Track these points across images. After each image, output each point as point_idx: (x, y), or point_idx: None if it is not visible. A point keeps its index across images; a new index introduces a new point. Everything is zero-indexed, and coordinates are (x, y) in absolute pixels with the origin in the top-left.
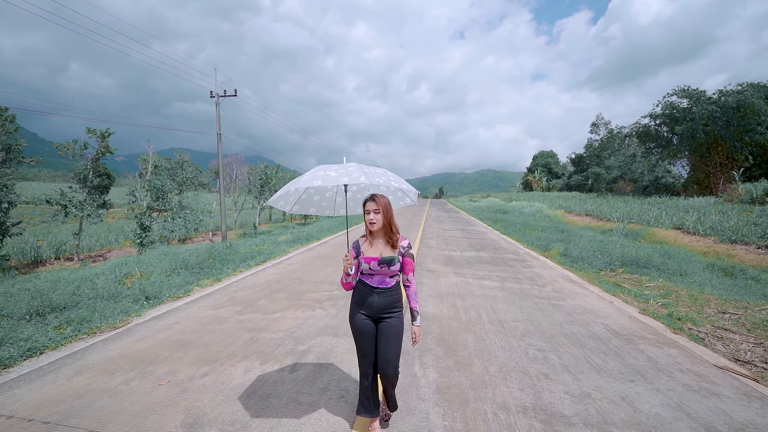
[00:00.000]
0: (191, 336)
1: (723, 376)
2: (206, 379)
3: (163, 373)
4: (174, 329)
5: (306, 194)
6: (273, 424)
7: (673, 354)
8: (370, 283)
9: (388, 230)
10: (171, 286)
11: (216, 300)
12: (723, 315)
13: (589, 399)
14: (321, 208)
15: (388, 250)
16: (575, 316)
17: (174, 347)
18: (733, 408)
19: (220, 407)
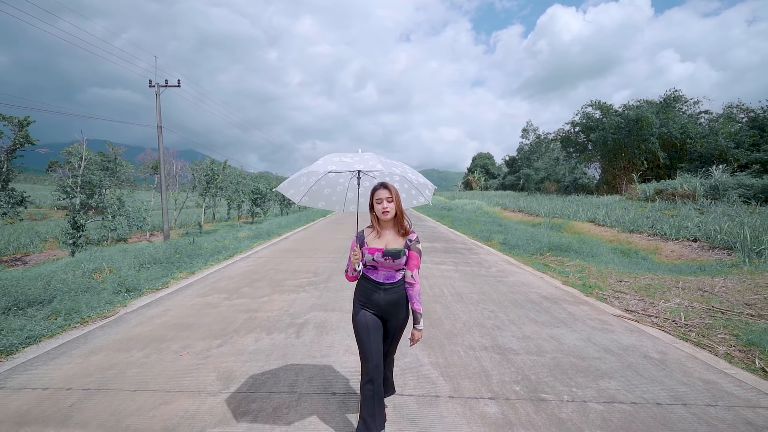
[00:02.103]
0: (189, 319)
1: (616, 320)
2: (223, 348)
3: (179, 347)
4: (169, 315)
5: (317, 186)
6: (297, 371)
7: (585, 309)
8: (375, 278)
9: (400, 220)
10: (147, 279)
11: (199, 289)
12: (620, 283)
13: (529, 339)
14: (331, 202)
15: (396, 241)
16: (516, 288)
17: (177, 328)
18: (621, 338)
19: (246, 365)
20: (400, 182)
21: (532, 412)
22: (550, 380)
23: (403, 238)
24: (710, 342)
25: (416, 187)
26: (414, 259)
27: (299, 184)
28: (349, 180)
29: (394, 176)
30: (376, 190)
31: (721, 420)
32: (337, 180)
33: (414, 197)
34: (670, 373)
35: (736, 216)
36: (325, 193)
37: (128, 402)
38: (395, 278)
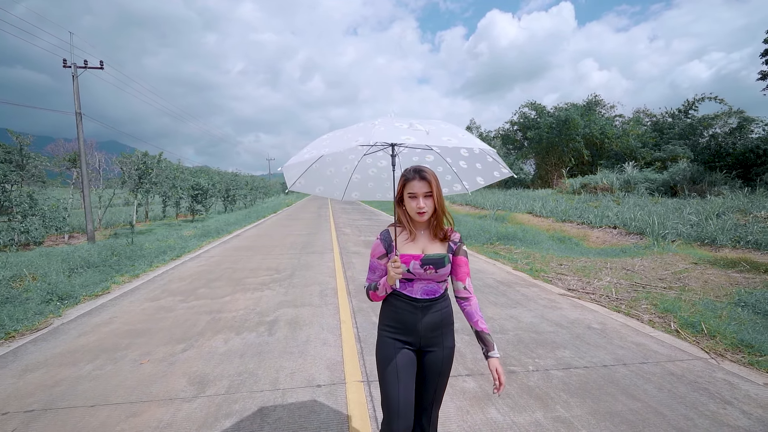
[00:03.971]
0: (143, 325)
1: (562, 298)
2: (190, 352)
3: (138, 355)
4: (117, 322)
5: (320, 163)
6: (277, 367)
7: (535, 291)
8: (410, 294)
9: (440, 219)
10: (82, 285)
11: (148, 293)
12: (560, 266)
13: (492, 320)
14: (331, 186)
15: (436, 245)
16: (474, 275)
17: (130, 335)
18: (568, 313)
19: (219, 367)
20: (465, 161)
21: (505, 383)
22: (516, 354)
23: (443, 241)
24: (636, 312)
25: (490, 156)
26: (463, 265)
27: (301, 162)
28: (361, 158)
29: (451, 150)
30: (409, 180)
31: (652, 374)
32: (346, 157)
33: (491, 167)
34: (610, 340)
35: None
36: (327, 174)
37: (87, 419)
38: (437, 292)
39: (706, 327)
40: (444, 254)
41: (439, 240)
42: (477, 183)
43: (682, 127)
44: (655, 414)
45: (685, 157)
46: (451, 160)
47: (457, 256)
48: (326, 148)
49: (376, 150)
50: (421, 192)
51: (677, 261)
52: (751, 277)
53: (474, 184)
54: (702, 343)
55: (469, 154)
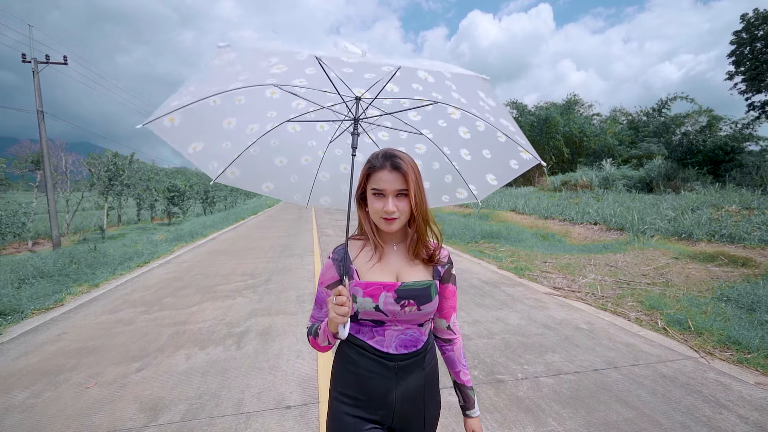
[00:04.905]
0: (95, 341)
1: (548, 298)
2: (145, 372)
3: (84, 378)
4: (66, 339)
5: (261, 147)
6: (243, 387)
7: (521, 290)
8: (379, 347)
9: (421, 232)
10: (31, 297)
11: (106, 305)
12: (545, 264)
13: (479, 323)
14: (286, 184)
15: (416, 269)
16: (458, 275)
17: (79, 354)
18: (555, 313)
19: (177, 389)
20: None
21: (493, 395)
22: (504, 361)
23: (427, 263)
24: (623, 310)
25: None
26: (451, 297)
27: (216, 132)
28: (327, 147)
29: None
30: (375, 169)
31: (644, 377)
32: (301, 144)
33: (510, 153)
34: (599, 340)
35: (624, 202)
36: (277, 165)
37: None
38: (419, 341)
39: (692, 324)
40: (429, 282)
41: (422, 261)
42: (488, 184)
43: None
44: (651, 423)
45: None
46: (450, 151)
47: (445, 285)
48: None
49: (342, 131)
50: (391, 189)
51: (658, 256)
52: (730, 270)
53: (484, 186)
54: (690, 341)
55: (471, 135)
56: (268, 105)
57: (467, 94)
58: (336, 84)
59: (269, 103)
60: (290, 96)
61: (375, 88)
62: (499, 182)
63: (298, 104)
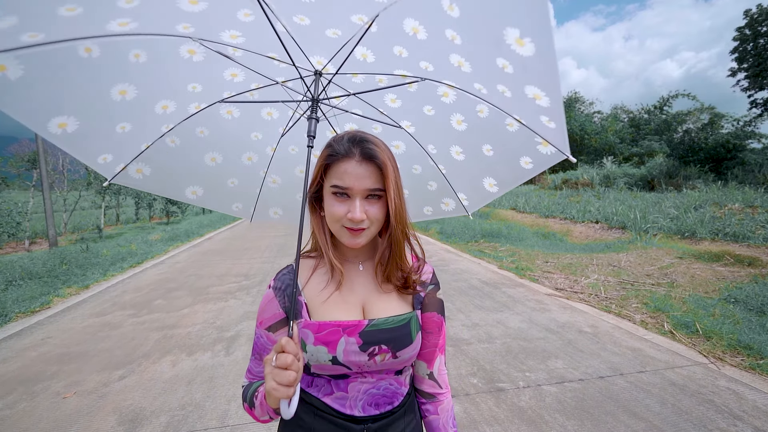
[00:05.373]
0: (80, 346)
1: (550, 299)
2: (127, 380)
3: (63, 387)
4: (49, 344)
5: (179, 138)
6: (229, 397)
7: (522, 291)
8: (341, 409)
9: (398, 246)
10: (17, 300)
11: (95, 307)
12: (546, 263)
13: (478, 326)
14: (221, 190)
15: (390, 298)
16: (458, 275)
17: (61, 361)
18: (557, 316)
19: (160, 398)
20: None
21: (493, 406)
22: (504, 367)
23: (402, 289)
24: (628, 312)
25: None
26: (436, 330)
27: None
28: (278, 142)
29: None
30: (337, 157)
31: (652, 385)
32: (252, 122)
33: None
34: (604, 345)
35: (625, 200)
36: (208, 164)
37: None
38: (397, 395)
39: (700, 327)
40: (409, 314)
41: (396, 285)
42: (484, 191)
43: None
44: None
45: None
46: (437, 150)
47: (428, 314)
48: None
49: (297, 120)
50: (360, 187)
51: (662, 255)
52: (736, 270)
53: (479, 194)
54: (699, 345)
55: (469, 125)
56: (188, 72)
57: (480, 48)
58: (287, 45)
59: (188, 70)
60: (219, 60)
61: (341, 54)
62: (501, 188)
63: (233, 75)
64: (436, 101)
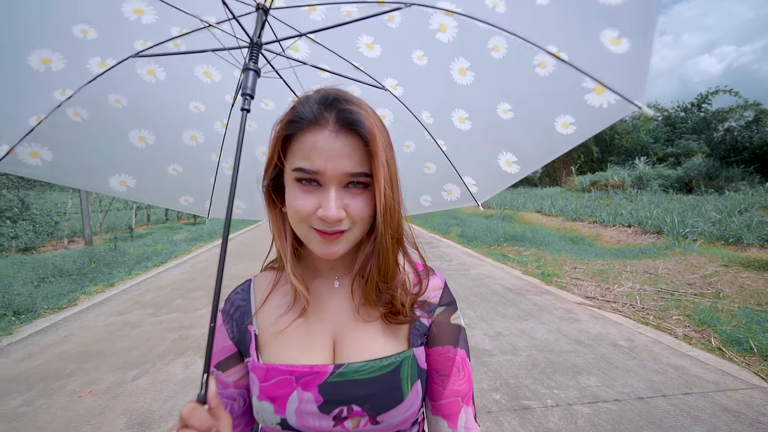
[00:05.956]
0: (99, 345)
1: (580, 308)
2: (141, 381)
3: (80, 385)
4: (72, 341)
5: (86, 110)
6: None
7: (549, 299)
8: None
9: (387, 253)
10: (46, 296)
11: (117, 306)
12: (575, 269)
13: (501, 336)
14: (149, 179)
15: (375, 327)
16: (479, 280)
17: (81, 359)
18: (588, 326)
19: (170, 401)
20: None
21: (518, 426)
22: (530, 383)
23: (391, 315)
24: (668, 325)
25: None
26: (453, 371)
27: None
28: (229, 112)
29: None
30: (301, 126)
31: (701, 410)
32: (186, 87)
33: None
34: (642, 361)
35: (660, 203)
36: (136, 146)
37: None
38: None
39: (755, 344)
40: (399, 356)
41: (385, 308)
42: (500, 172)
43: (695, 121)
44: None
45: (700, 152)
46: (434, 118)
47: (440, 347)
48: None
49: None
50: (336, 170)
51: (704, 263)
52: None
53: (492, 176)
54: (754, 365)
55: (477, 73)
56: (69, 4)
57: None
58: None
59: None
60: None
61: None
62: (525, 167)
63: (137, 12)
64: (428, 42)
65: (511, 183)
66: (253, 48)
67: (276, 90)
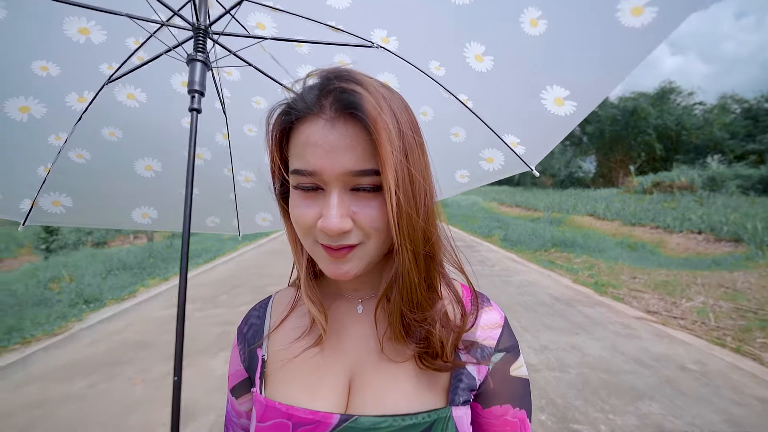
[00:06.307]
0: (152, 336)
1: (640, 323)
2: (185, 373)
3: (135, 373)
4: (130, 330)
5: (88, 152)
6: None
7: (602, 311)
8: None
9: (406, 275)
10: (111, 287)
11: (169, 299)
12: (634, 280)
13: (548, 350)
14: (167, 207)
15: (405, 369)
16: (524, 288)
17: (137, 347)
18: (650, 345)
19: (211, 396)
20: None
21: None
22: (581, 404)
23: (427, 357)
24: (751, 348)
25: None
26: None
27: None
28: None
29: None
30: (299, 114)
31: None
32: (162, 104)
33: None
34: (717, 389)
35: (738, 207)
36: (143, 175)
37: None
38: None
39: None
40: (433, 415)
41: (418, 347)
42: (552, 118)
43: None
44: None
45: None
46: (446, 68)
47: (495, 407)
48: None
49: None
50: (335, 170)
51: None
52: None
53: (543, 125)
54: None
55: None
56: (13, 41)
57: None
58: None
59: (11, 36)
60: (52, 6)
61: None
62: (582, 102)
63: (81, 32)
64: None
65: (569, 129)
66: (198, 34)
67: (264, 84)
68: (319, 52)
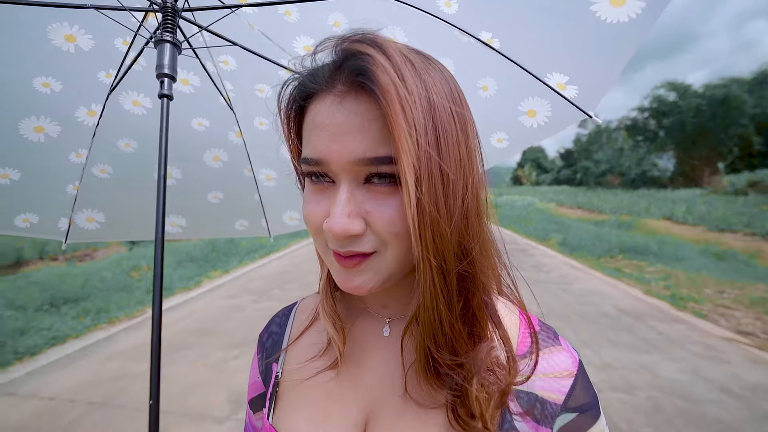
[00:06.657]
0: (212, 324)
1: (729, 345)
2: (240, 361)
3: (196, 357)
4: (193, 318)
5: (110, 167)
6: None
7: (681, 329)
8: None
9: (434, 297)
10: (180, 278)
11: (229, 290)
12: (721, 294)
13: (611, 368)
14: (198, 215)
15: (434, 416)
16: (584, 298)
17: (198, 334)
18: (742, 371)
19: None
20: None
21: None
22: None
23: (461, 408)
24: None
25: None
26: None
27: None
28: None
29: None
30: (312, 94)
31: None
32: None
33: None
34: None
35: None
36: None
37: (125, 425)
38: None
39: None
40: None
41: (451, 395)
42: (611, 36)
43: None
44: None
45: None
46: (458, 6)
47: None
48: None
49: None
50: (343, 157)
51: None
52: None
53: (603, 48)
54: None
55: None
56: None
57: None
58: None
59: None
60: (36, 13)
61: None
62: (650, 11)
63: (70, 40)
64: None
65: (637, 42)
66: (166, 14)
67: (263, 69)
68: (308, 13)
